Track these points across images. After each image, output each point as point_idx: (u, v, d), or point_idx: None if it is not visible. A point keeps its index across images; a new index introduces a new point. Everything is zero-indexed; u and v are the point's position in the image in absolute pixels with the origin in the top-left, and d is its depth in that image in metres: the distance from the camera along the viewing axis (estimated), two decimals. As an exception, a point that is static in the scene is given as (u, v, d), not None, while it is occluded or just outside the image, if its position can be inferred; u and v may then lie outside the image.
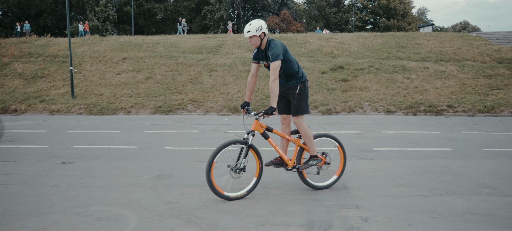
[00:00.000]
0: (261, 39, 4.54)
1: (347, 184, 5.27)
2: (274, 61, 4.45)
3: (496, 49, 23.15)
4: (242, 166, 4.48)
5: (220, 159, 4.44)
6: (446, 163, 6.58)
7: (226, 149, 4.39)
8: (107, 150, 7.88)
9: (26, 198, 4.72)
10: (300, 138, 4.92)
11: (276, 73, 4.42)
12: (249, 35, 4.51)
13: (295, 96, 4.74)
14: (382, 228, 3.77)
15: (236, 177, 4.51)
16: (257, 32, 4.48)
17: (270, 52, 4.50)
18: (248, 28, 4.49)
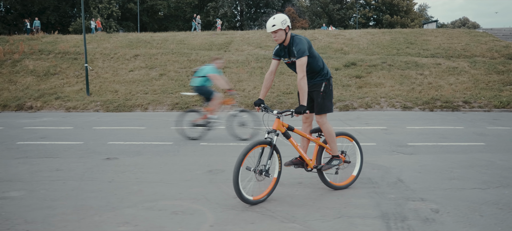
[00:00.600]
0: (286, 33, 4.28)
1: (401, 177, 5.36)
2: (300, 57, 4.21)
3: (504, 46, 23.26)
4: (268, 168, 4.22)
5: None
6: (487, 157, 6.67)
7: (252, 151, 4.13)
8: (145, 146, 7.94)
9: (90, 193, 4.78)
10: (320, 136, 4.75)
11: (304, 70, 4.21)
12: (274, 29, 4.22)
13: (319, 94, 4.51)
14: (456, 219, 3.85)
15: (261, 179, 4.24)
16: (283, 25, 4.22)
17: (295, 48, 4.25)
18: (273, 22, 4.22)
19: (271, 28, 4.24)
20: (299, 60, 4.22)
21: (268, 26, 4.27)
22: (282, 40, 4.31)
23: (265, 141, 4.22)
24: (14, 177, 5.60)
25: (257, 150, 4.22)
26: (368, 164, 6.14)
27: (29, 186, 5.10)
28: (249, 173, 4.28)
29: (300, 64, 4.21)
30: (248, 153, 4.06)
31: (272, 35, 4.30)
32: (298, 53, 4.22)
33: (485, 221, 3.82)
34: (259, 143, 4.19)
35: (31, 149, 7.72)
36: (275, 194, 4.61)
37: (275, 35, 4.27)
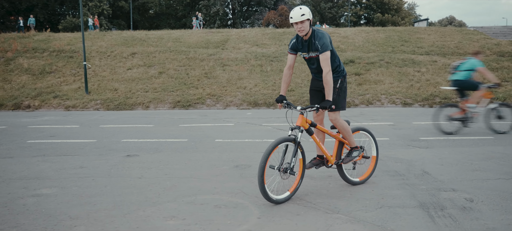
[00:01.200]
0: (310, 26, 4.16)
1: (425, 170, 5.49)
2: (324, 51, 4.11)
3: (495, 43, 23.76)
4: (292, 166, 4.12)
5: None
6: (500, 150, 6.86)
7: (279, 146, 4.05)
8: (161, 143, 7.94)
9: (125, 189, 4.80)
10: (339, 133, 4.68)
11: (329, 64, 4.12)
12: (303, 19, 4.04)
13: (335, 90, 4.39)
14: (492, 208, 3.99)
15: (285, 178, 4.14)
16: (310, 15, 4.10)
17: (318, 42, 4.14)
18: (302, 11, 4.05)
19: (299, 17, 4.04)
20: (323, 54, 4.12)
21: (296, 15, 4.06)
22: (306, 32, 4.15)
23: (289, 138, 4.11)
24: (40, 174, 5.58)
25: (281, 147, 4.11)
26: (389, 158, 6.27)
27: (58, 183, 5.09)
28: (273, 172, 4.20)
29: (325, 59, 4.11)
30: (273, 151, 3.97)
31: (297, 26, 4.10)
32: (322, 47, 4.12)
33: (520, 210, 3.96)
34: (282, 140, 4.07)
35: (45, 147, 7.66)
36: (309, 188, 4.69)
37: (301, 25, 4.09)
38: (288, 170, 4.09)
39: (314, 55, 4.28)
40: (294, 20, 4.09)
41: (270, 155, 3.96)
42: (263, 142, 7.93)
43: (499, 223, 3.61)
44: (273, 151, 3.99)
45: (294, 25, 4.17)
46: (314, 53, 4.27)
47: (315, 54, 4.26)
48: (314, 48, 4.23)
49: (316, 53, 4.23)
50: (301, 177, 4.34)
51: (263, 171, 3.92)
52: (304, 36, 4.22)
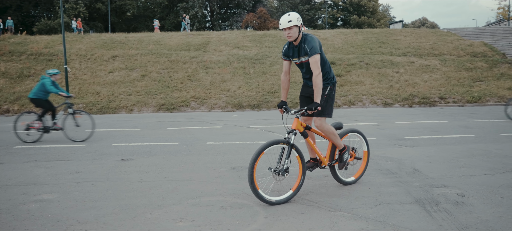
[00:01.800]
0: (299, 31, 4.22)
1: (416, 167, 5.75)
2: (313, 54, 4.17)
3: (468, 44, 24.67)
4: (286, 168, 4.21)
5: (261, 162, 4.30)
6: (482, 147, 7.23)
7: (267, 149, 4.11)
8: (153, 146, 7.98)
9: (127, 193, 4.84)
10: None
11: (319, 67, 4.18)
12: (290, 25, 4.12)
13: (323, 97, 4.41)
14: (482, 202, 4.25)
15: (279, 180, 4.26)
16: (298, 22, 4.15)
17: (307, 46, 4.20)
18: (289, 18, 4.13)
19: (286, 24, 4.13)
20: (312, 57, 4.17)
21: (283, 22, 4.15)
22: (295, 38, 4.22)
23: (283, 140, 4.21)
24: (37, 180, 5.54)
25: (277, 149, 4.23)
26: (380, 157, 6.52)
27: (58, 189, 5.08)
28: (270, 173, 4.31)
29: (314, 62, 4.16)
30: (262, 153, 4.04)
31: (286, 32, 4.18)
32: (311, 50, 4.17)
33: (507, 202, 4.24)
34: (275, 142, 4.15)
35: (35, 153, 7.58)
36: (309, 187, 4.85)
37: (289, 31, 4.16)
38: (280, 171, 4.20)
39: (305, 59, 4.33)
40: (282, 26, 4.19)
41: (259, 157, 4.06)
42: (254, 144, 8.07)
43: (491, 216, 3.86)
44: (262, 154, 4.09)
45: (283, 31, 4.27)
46: (304, 58, 4.33)
47: (305, 59, 4.32)
48: (303, 53, 4.30)
49: (306, 57, 4.30)
50: (303, 176, 4.43)
51: (252, 172, 4.03)
52: (294, 41, 4.31)
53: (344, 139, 4.93)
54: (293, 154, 4.35)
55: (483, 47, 23.95)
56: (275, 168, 4.23)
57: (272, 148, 4.19)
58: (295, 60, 4.45)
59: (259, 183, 4.32)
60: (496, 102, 15.56)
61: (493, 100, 15.75)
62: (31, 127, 9.06)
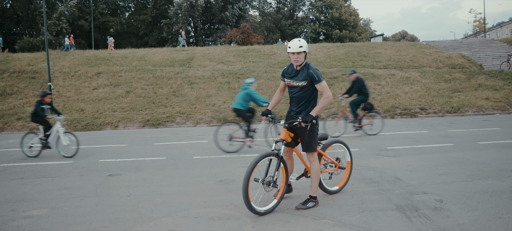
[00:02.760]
0: (305, 58, 4.47)
1: (397, 176, 5.97)
2: (321, 81, 4.39)
3: (447, 56, 25.41)
4: (275, 179, 4.37)
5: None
6: (460, 155, 7.52)
7: (260, 162, 4.25)
8: (140, 162, 8.03)
9: (117, 207, 4.91)
10: (319, 144, 4.91)
11: (329, 91, 4.39)
12: (300, 50, 4.32)
13: (306, 132, 4.47)
14: (459, 206, 4.47)
15: (269, 190, 4.39)
16: (306, 49, 4.39)
17: (314, 73, 4.38)
18: (300, 44, 4.33)
19: (297, 49, 4.31)
20: (321, 83, 4.38)
21: (294, 47, 4.32)
22: (300, 63, 4.41)
23: (272, 152, 4.36)
24: (25, 197, 5.56)
25: (265, 161, 4.37)
26: (363, 166, 6.73)
27: (47, 204, 5.12)
28: (258, 184, 4.48)
29: (324, 86, 4.38)
30: (256, 165, 4.19)
31: (294, 56, 4.35)
32: (318, 76, 4.37)
33: (483, 206, 4.47)
34: (266, 155, 4.31)
35: (21, 170, 7.56)
36: (295, 197, 5.01)
37: (298, 56, 4.34)
38: (271, 183, 4.36)
39: (304, 84, 4.43)
40: (292, 51, 4.34)
41: (254, 169, 4.21)
42: (240, 157, 8.20)
43: (467, 219, 4.08)
44: (257, 166, 4.24)
45: (290, 55, 4.44)
46: (303, 82, 4.43)
47: (305, 82, 4.42)
48: (303, 77, 4.42)
49: (307, 82, 4.41)
50: (286, 185, 4.61)
51: (247, 185, 4.16)
52: (297, 66, 4.47)
53: (328, 149, 5.12)
54: (281, 167, 4.51)
55: (461, 59, 24.70)
56: (264, 179, 4.37)
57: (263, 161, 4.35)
58: (292, 82, 4.52)
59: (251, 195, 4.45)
60: (475, 112, 16.06)
61: (472, 110, 16.26)
62: (235, 137, 8.95)
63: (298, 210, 4.53)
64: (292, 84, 4.57)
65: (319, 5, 56.10)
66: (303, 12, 59.31)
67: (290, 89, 4.62)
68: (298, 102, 4.56)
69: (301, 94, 4.52)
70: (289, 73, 4.59)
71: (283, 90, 4.80)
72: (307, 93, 4.51)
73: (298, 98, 4.54)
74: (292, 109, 4.67)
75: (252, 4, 57.13)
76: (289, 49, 4.42)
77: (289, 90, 4.67)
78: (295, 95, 4.58)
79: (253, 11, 58.22)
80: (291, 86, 4.59)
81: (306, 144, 4.55)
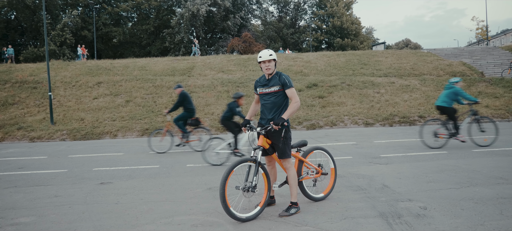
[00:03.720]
0: (276, 66, 4.64)
1: (385, 183, 5.97)
2: (292, 87, 4.56)
3: (448, 64, 25.41)
4: (254, 184, 4.42)
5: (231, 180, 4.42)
6: (452, 162, 7.50)
7: (236, 168, 4.34)
8: (133, 170, 8.08)
9: (103, 215, 4.96)
10: (299, 151, 5.05)
11: (297, 97, 4.53)
12: (270, 58, 4.51)
13: (280, 139, 4.57)
14: (443, 213, 4.47)
15: (248, 196, 4.45)
16: (276, 57, 4.59)
17: (285, 78, 4.56)
18: (270, 52, 4.56)
19: (268, 57, 4.51)
20: (292, 89, 4.54)
21: (264, 55, 4.52)
22: (271, 72, 4.58)
23: (250, 158, 4.46)
24: (15, 204, 5.61)
25: (244, 168, 4.46)
26: (352, 174, 6.74)
27: (35, 212, 5.17)
28: (239, 192, 4.51)
29: (293, 92, 4.53)
30: (232, 170, 4.29)
31: (265, 64, 4.52)
32: (289, 82, 4.55)
33: (466, 213, 4.46)
34: (243, 161, 4.42)
35: (16, 179, 7.62)
36: (278, 204, 5.03)
37: (269, 64, 4.52)
38: (250, 188, 4.40)
39: (276, 89, 4.57)
40: (263, 59, 4.52)
41: (229, 175, 4.28)
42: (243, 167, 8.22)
43: (448, 226, 4.08)
44: (232, 172, 4.31)
45: (261, 64, 4.59)
46: (276, 88, 4.57)
47: (277, 88, 4.56)
48: (276, 83, 4.58)
49: (279, 87, 4.56)
50: (268, 191, 4.64)
51: (224, 191, 4.21)
52: (269, 75, 4.62)
53: (309, 155, 5.16)
54: (260, 171, 4.56)
55: (462, 67, 24.69)
56: (243, 186, 4.43)
57: (241, 167, 4.40)
58: (264, 89, 4.65)
59: (230, 201, 4.49)
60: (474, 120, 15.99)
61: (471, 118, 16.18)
62: (440, 134, 9.30)
63: (281, 217, 4.55)
64: (264, 92, 4.68)
65: (321, 13, 56.33)
66: (305, 21, 59.55)
67: (263, 97, 4.72)
68: (271, 109, 4.65)
69: (274, 100, 4.63)
70: (261, 83, 4.73)
71: (258, 102, 4.92)
72: (280, 99, 4.63)
73: (272, 104, 4.64)
74: (262, 118, 4.75)
75: (254, 14, 57.47)
76: (260, 58, 4.57)
77: (261, 99, 4.75)
78: (268, 102, 4.68)
79: (255, 20, 58.56)
80: (263, 94, 4.70)
81: (280, 151, 4.63)
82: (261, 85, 4.73)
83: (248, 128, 4.73)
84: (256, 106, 4.95)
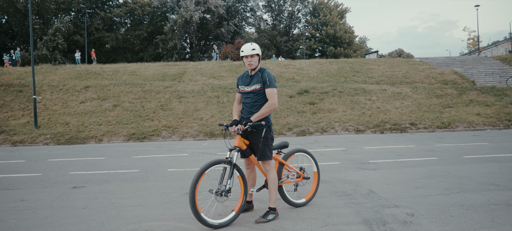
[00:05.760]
0: (259, 62, 4.32)
1: (372, 189, 5.66)
2: (273, 87, 4.21)
3: (439, 72, 25.31)
4: (228, 188, 4.04)
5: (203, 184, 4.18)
6: (442, 168, 7.22)
7: (208, 170, 3.99)
8: (111, 174, 7.71)
9: (66, 220, 4.59)
10: (280, 153, 4.74)
11: (275, 99, 4.20)
12: (253, 53, 4.18)
13: (260, 139, 4.24)
14: (431, 220, 4.16)
15: (222, 201, 4.10)
16: (259, 51, 4.25)
17: (267, 76, 4.22)
18: (253, 46, 4.20)
19: (250, 51, 4.17)
20: (271, 89, 4.20)
21: (247, 49, 4.19)
22: (254, 67, 4.25)
23: (224, 159, 4.11)
24: (-25, 209, 5.23)
25: (217, 170, 4.12)
26: (338, 180, 6.42)
27: (-6, 217, 4.79)
28: (211, 196, 4.15)
29: (272, 93, 4.19)
30: (204, 173, 3.94)
31: (247, 59, 4.21)
32: (270, 82, 4.21)
33: (455, 220, 4.16)
34: (217, 162, 4.05)
35: (-16, 183, 7.21)
36: (256, 210, 4.69)
37: (251, 59, 4.20)
38: (222, 192, 4.04)
39: (257, 87, 4.25)
40: (245, 54, 4.19)
41: (200, 178, 3.92)
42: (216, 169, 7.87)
43: (435, 234, 3.77)
44: (202, 176, 3.95)
45: (244, 59, 4.26)
46: (257, 86, 4.25)
47: (258, 86, 4.24)
48: (257, 81, 4.26)
49: (261, 85, 4.23)
50: (245, 196, 4.28)
51: (194, 195, 3.85)
52: (252, 70, 4.30)
53: (291, 158, 4.83)
54: (235, 173, 4.22)
55: (454, 75, 24.59)
56: (217, 189, 4.08)
57: (214, 169, 4.06)
58: (245, 88, 4.35)
59: (201, 206, 4.15)
60: (466, 127, 15.80)
61: (463, 126, 15.99)
62: None
63: (258, 223, 4.21)
64: (246, 91, 4.37)
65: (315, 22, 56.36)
66: (298, 29, 59.59)
67: (244, 96, 4.40)
68: (251, 107, 4.33)
69: (255, 97, 4.31)
70: (243, 81, 4.42)
71: (239, 101, 4.55)
72: (262, 97, 4.29)
73: (252, 102, 4.32)
74: (242, 117, 4.43)
75: (248, 21, 57.40)
76: (242, 53, 4.24)
77: (242, 98, 4.43)
78: (247, 100, 4.36)
79: (249, 28, 58.47)
80: (245, 92, 4.38)
81: (260, 152, 4.29)
82: (243, 83, 4.42)
83: (225, 127, 4.35)
84: (238, 106, 4.55)
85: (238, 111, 4.55)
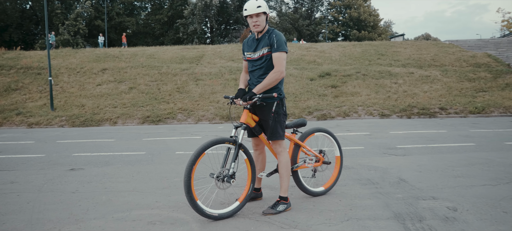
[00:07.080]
0: (266, 22, 3.57)
1: (402, 177, 4.89)
2: (281, 51, 3.48)
3: (471, 55, 23.83)
4: (232, 172, 3.42)
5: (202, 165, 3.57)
6: (483, 155, 6.34)
7: (209, 150, 3.36)
8: (114, 156, 7.17)
9: (49, 205, 4.03)
10: (296, 132, 4.07)
11: (282, 65, 3.47)
12: (258, 11, 3.44)
13: (270, 115, 3.58)
14: (479, 217, 3.38)
15: (224, 188, 3.46)
16: (266, 9, 3.51)
17: (275, 37, 3.49)
18: (258, 3, 3.44)
19: (255, 9, 3.43)
20: (279, 53, 3.47)
21: (251, 7, 3.44)
22: (262, 28, 3.53)
23: (228, 138, 3.46)
24: (-43, 192, 4.74)
25: (220, 150, 3.48)
26: (363, 166, 5.66)
27: (-26, 201, 4.28)
28: (211, 180, 3.51)
29: (279, 57, 3.47)
30: (203, 153, 3.31)
31: (252, 19, 3.49)
32: (278, 43, 3.47)
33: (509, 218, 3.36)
34: (219, 141, 3.39)
35: (-18, 164, 6.79)
36: (264, 199, 4.02)
37: (257, 19, 3.47)
38: (225, 177, 3.41)
39: (265, 52, 3.54)
40: (249, 13, 3.46)
41: (196, 163, 3.28)
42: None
43: (487, 234, 2.99)
44: (201, 157, 3.31)
45: (248, 19, 3.53)
46: (264, 50, 3.54)
47: (266, 50, 3.53)
48: (265, 44, 3.54)
49: (268, 49, 3.52)
50: (252, 183, 3.61)
51: (189, 180, 3.23)
52: (258, 33, 3.59)
53: (309, 138, 4.09)
54: (241, 156, 3.53)
55: (487, 58, 23.10)
56: (218, 174, 3.42)
57: (216, 149, 3.37)
58: (251, 55, 3.64)
59: (198, 193, 3.50)
60: (501, 113, 14.63)
61: (498, 111, 14.82)
62: None
63: (265, 215, 3.52)
64: (253, 58, 3.64)
65: (338, 4, 54.65)
66: (321, 12, 57.97)
67: (251, 63, 3.68)
68: (260, 77, 3.61)
69: (264, 64, 3.57)
70: (250, 46, 3.68)
71: (247, 70, 3.82)
72: (272, 62, 3.54)
73: (260, 70, 3.60)
74: (250, 88, 3.71)
75: (269, 4, 56.15)
76: (245, 12, 3.49)
77: (249, 66, 3.71)
78: (255, 68, 3.64)
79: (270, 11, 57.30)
80: (252, 60, 3.66)
81: (271, 130, 3.58)
82: (249, 49, 3.69)
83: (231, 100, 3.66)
84: (245, 76, 3.84)
85: (245, 81, 3.85)
